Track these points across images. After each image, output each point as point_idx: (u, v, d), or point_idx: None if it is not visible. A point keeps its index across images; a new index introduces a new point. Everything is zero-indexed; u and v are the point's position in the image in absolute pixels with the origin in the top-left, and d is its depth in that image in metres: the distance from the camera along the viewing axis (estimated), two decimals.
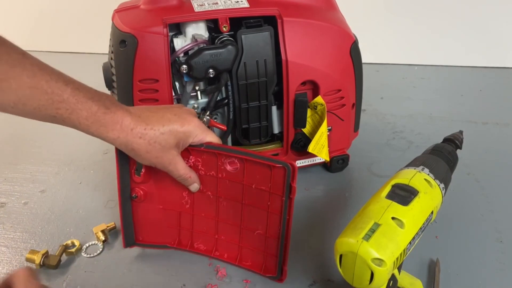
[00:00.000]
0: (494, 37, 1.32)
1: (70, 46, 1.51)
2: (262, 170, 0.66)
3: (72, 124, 0.60)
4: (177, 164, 0.67)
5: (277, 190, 0.66)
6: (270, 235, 0.70)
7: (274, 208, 0.68)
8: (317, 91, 0.83)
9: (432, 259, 0.74)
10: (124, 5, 0.83)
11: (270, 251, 0.71)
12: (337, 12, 0.86)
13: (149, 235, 0.75)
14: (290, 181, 0.64)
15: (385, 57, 1.38)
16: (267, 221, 0.70)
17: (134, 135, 0.63)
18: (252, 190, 0.68)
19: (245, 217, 0.72)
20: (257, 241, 0.72)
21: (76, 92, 0.59)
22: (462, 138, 0.73)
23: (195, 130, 0.67)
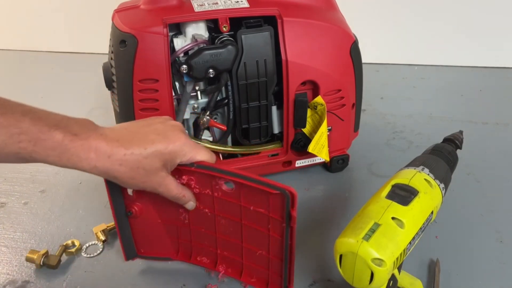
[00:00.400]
0: (494, 37, 1.32)
1: (70, 46, 1.51)
2: (259, 194, 0.61)
3: (41, 158, 0.53)
4: (168, 185, 0.61)
5: (276, 216, 0.61)
6: (273, 257, 0.66)
7: (275, 232, 0.63)
8: (317, 91, 0.83)
9: (432, 259, 0.74)
10: (124, 5, 0.83)
11: (274, 270, 0.67)
12: (337, 12, 0.86)
13: (151, 247, 0.73)
14: (290, 210, 0.59)
15: (385, 57, 1.38)
16: (269, 243, 0.65)
17: (112, 162, 0.56)
18: (250, 212, 0.64)
19: (245, 237, 0.67)
20: (260, 259, 0.68)
21: (36, 121, 0.52)
22: (462, 138, 0.73)
23: (181, 149, 0.60)
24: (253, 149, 0.87)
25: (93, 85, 1.20)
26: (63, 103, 1.20)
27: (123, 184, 0.60)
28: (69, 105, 1.18)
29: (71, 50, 1.51)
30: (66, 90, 1.27)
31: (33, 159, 0.53)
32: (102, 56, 0.90)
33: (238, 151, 0.87)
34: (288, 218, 0.60)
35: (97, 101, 1.18)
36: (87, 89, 1.24)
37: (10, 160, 0.53)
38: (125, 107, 0.79)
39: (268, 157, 0.89)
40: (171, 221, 0.70)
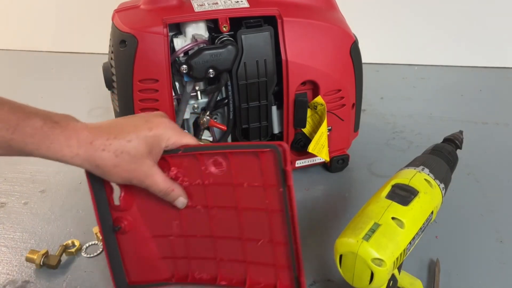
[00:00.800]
0: (494, 37, 1.32)
1: (70, 46, 1.51)
2: (250, 161, 0.57)
3: (19, 148, 0.51)
4: (155, 176, 0.58)
5: (271, 180, 0.57)
6: (276, 242, 0.61)
7: (273, 205, 0.59)
8: (317, 91, 0.83)
9: (432, 259, 0.74)
10: (124, 5, 0.83)
11: (280, 262, 0.62)
12: (337, 12, 0.86)
13: (143, 272, 0.68)
14: (283, 166, 0.55)
15: (385, 57, 1.38)
16: (269, 224, 0.60)
17: (95, 148, 0.53)
18: (244, 190, 0.60)
19: (243, 225, 0.62)
20: (263, 253, 0.62)
21: (15, 110, 0.51)
22: (462, 138, 0.73)
23: (165, 132, 0.58)
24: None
25: (93, 85, 1.20)
26: (63, 103, 1.20)
27: (106, 175, 0.56)
28: (69, 105, 1.18)
29: (71, 50, 1.51)
30: (66, 90, 1.27)
31: (11, 149, 0.51)
32: (102, 56, 0.90)
33: None
34: (283, 175, 0.56)
35: (97, 101, 1.18)
36: (87, 89, 1.24)
37: None
38: (125, 107, 0.79)
39: None
40: (163, 231, 0.66)
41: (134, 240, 0.66)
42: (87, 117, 1.11)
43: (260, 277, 0.65)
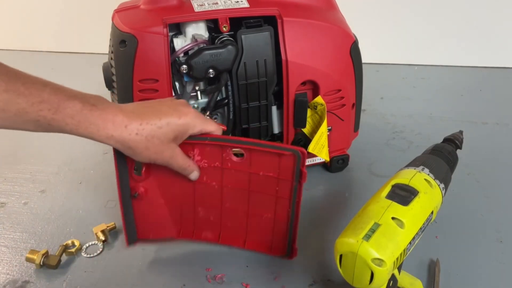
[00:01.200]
0: (494, 37, 1.32)
1: (70, 46, 1.51)
2: (270, 158, 0.66)
3: (59, 127, 0.56)
4: (177, 157, 0.65)
5: (287, 176, 0.66)
6: (278, 219, 0.71)
7: (283, 193, 0.68)
8: (317, 91, 0.83)
9: (432, 259, 0.74)
10: (124, 5, 0.83)
11: (278, 232, 0.72)
12: (337, 12, 0.86)
13: (152, 230, 0.75)
14: (301, 167, 0.65)
15: (385, 57, 1.38)
16: (276, 206, 0.70)
17: (129, 131, 0.59)
18: (259, 177, 0.68)
19: (252, 203, 0.71)
20: (265, 224, 0.72)
21: (56, 91, 0.56)
22: (462, 138, 0.73)
23: (193, 121, 0.64)
24: None
25: (93, 85, 1.19)
26: None
27: (136, 156, 0.62)
28: None
29: (71, 50, 1.51)
30: None
31: (51, 127, 0.56)
32: (102, 56, 0.90)
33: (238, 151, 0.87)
34: (299, 175, 0.65)
35: None
36: (87, 89, 1.24)
37: (27, 127, 0.56)
38: None
39: None
40: (176, 199, 0.73)
41: (147, 205, 0.72)
42: None
43: (258, 242, 0.74)
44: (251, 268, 0.75)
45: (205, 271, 0.74)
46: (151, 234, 0.75)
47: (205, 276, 0.73)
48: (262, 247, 0.74)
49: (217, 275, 0.73)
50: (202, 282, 0.72)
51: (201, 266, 0.75)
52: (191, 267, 0.74)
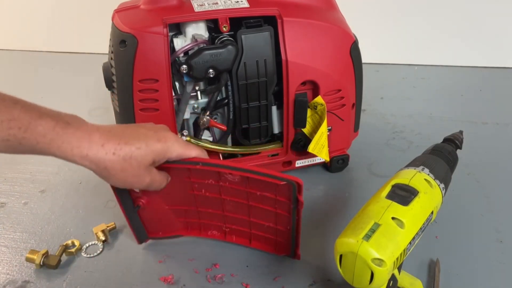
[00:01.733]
0: (494, 37, 1.32)
1: (70, 46, 1.51)
2: (267, 185, 0.65)
3: (30, 146, 0.53)
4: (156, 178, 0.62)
5: (284, 199, 0.67)
6: (280, 227, 0.72)
7: (282, 210, 0.69)
8: (317, 91, 0.83)
9: (432, 259, 0.74)
10: (124, 5, 0.83)
11: (281, 237, 0.73)
12: (337, 12, 0.86)
13: (161, 229, 0.77)
14: (297, 196, 0.65)
15: (385, 57, 1.38)
16: (276, 218, 0.71)
17: (106, 151, 0.55)
18: (257, 196, 0.68)
19: (252, 214, 0.72)
20: (267, 230, 0.73)
21: (28, 109, 0.52)
22: (462, 138, 0.73)
23: (173, 145, 0.61)
24: (253, 149, 0.87)
25: (93, 85, 1.20)
26: (63, 103, 1.19)
27: (110, 178, 0.58)
28: (69, 105, 1.18)
29: (71, 50, 1.51)
30: (66, 90, 1.26)
31: (22, 147, 0.53)
32: (102, 56, 0.90)
33: (238, 151, 0.87)
34: (296, 202, 0.66)
35: (97, 101, 1.18)
36: (87, 89, 1.24)
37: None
38: (125, 107, 0.79)
39: (268, 157, 0.89)
40: (179, 205, 0.74)
41: (151, 212, 0.73)
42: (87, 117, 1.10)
43: (262, 243, 0.76)
44: (251, 268, 0.75)
45: (205, 271, 0.74)
46: (160, 233, 0.78)
47: (205, 276, 0.73)
48: (266, 248, 0.76)
49: (217, 275, 0.73)
50: (202, 282, 0.72)
51: (201, 266, 0.75)
52: (191, 267, 0.75)
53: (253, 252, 0.77)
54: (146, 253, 0.77)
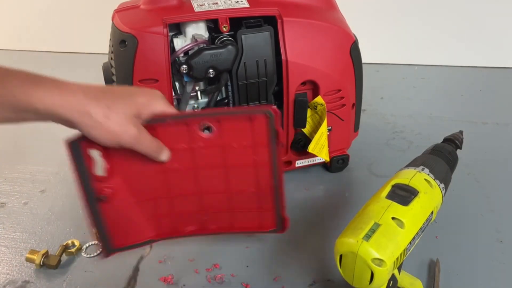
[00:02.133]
0: (494, 37, 1.32)
1: (70, 46, 1.51)
2: (241, 125, 0.61)
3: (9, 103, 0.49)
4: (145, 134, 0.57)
5: (262, 141, 0.61)
6: (262, 190, 0.66)
7: (261, 161, 0.63)
8: (317, 91, 0.83)
9: (432, 259, 0.74)
10: (124, 5, 0.83)
11: (265, 205, 0.67)
12: (337, 12, 0.86)
13: (129, 236, 0.68)
14: (275, 126, 0.60)
15: (385, 57, 1.38)
16: (257, 177, 0.65)
17: (88, 97, 0.51)
18: (234, 150, 0.63)
19: (231, 180, 0.65)
20: (249, 201, 0.67)
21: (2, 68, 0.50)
22: (462, 138, 0.73)
23: (157, 101, 0.58)
24: None
25: None
26: None
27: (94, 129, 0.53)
28: None
29: (71, 50, 1.51)
30: None
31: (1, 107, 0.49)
32: (102, 56, 0.90)
33: None
34: (275, 134, 0.61)
35: None
36: None
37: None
38: None
39: None
40: (148, 194, 0.66)
41: (117, 207, 0.65)
42: None
43: (245, 222, 0.69)
44: (251, 268, 0.75)
45: (205, 271, 0.74)
46: (128, 241, 0.68)
47: (205, 276, 0.73)
48: (251, 227, 0.70)
49: (217, 275, 0.73)
50: (202, 282, 0.72)
51: (201, 266, 0.75)
52: (191, 267, 0.74)
53: (253, 252, 0.77)
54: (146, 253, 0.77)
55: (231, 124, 0.61)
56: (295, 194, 0.89)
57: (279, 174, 0.64)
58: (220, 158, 0.64)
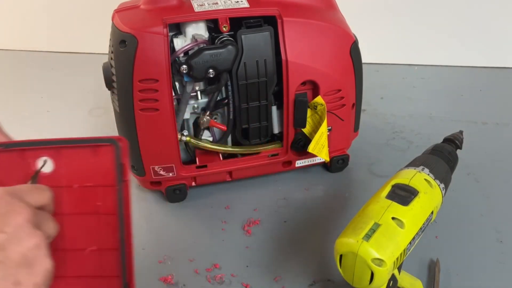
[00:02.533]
0: (494, 37, 1.32)
1: (70, 46, 1.50)
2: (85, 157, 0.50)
3: None
4: None
5: (108, 180, 0.51)
6: (107, 247, 0.52)
7: (107, 206, 0.51)
8: (317, 91, 0.83)
9: (432, 259, 0.74)
10: (124, 5, 0.83)
11: (109, 272, 0.53)
12: (337, 12, 0.86)
13: None
14: (121, 160, 0.50)
15: (385, 57, 1.38)
16: (98, 229, 0.52)
17: None
18: (73, 192, 0.51)
19: (66, 233, 0.51)
20: (88, 263, 0.53)
21: None
22: (462, 138, 0.73)
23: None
24: (253, 149, 0.87)
25: (93, 85, 1.19)
26: (63, 103, 1.20)
27: None
28: (69, 105, 1.18)
29: (71, 50, 1.51)
30: (66, 90, 1.26)
31: None
32: (102, 56, 0.90)
33: (238, 151, 0.87)
34: (121, 171, 0.50)
35: (97, 101, 1.18)
36: (87, 89, 1.24)
37: None
38: (125, 107, 0.79)
39: (268, 157, 0.89)
40: None
41: None
42: (87, 117, 1.11)
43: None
44: (251, 268, 0.75)
45: (205, 271, 0.74)
46: None
47: (205, 276, 0.73)
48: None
49: (217, 275, 0.73)
50: (202, 282, 0.72)
51: (201, 266, 0.75)
52: (191, 267, 0.75)
53: (253, 252, 0.77)
54: (146, 253, 0.77)
55: (72, 157, 0.50)
56: (295, 194, 0.89)
57: (127, 226, 0.51)
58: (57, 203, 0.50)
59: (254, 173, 0.91)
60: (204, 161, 0.87)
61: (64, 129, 1.07)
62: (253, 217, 0.84)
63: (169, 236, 0.81)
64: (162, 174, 0.84)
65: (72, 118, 1.12)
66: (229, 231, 0.82)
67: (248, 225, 0.83)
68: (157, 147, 0.81)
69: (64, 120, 1.11)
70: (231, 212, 0.86)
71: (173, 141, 0.81)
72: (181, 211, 0.87)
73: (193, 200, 0.89)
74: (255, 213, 0.85)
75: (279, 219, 0.84)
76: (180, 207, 0.88)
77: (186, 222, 0.85)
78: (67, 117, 1.13)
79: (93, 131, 1.07)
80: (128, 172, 0.51)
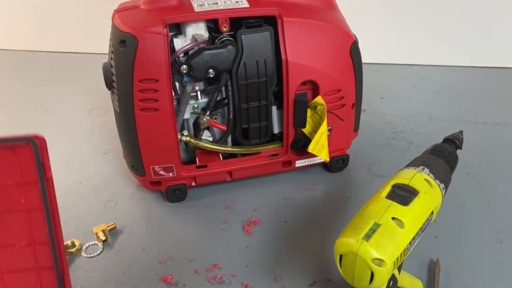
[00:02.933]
0: (494, 37, 1.32)
1: (70, 46, 1.51)
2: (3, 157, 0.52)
3: None
4: None
5: (29, 177, 0.52)
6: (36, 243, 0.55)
7: (32, 202, 0.54)
8: (317, 91, 0.83)
9: (432, 259, 0.74)
10: (124, 5, 0.83)
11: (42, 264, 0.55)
12: (337, 12, 0.86)
13: None
14: (40, 158, 0.51)
15: (385, 57, 1.38)
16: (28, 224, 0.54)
17: None
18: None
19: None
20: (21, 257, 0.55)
21: None
22: (462, 138, 0.73)
23: None
24: (253, 149, 0.87)
25: (93, 85, 1.19)
26: (63, 103, 1.20)
27: None
28: (69, 105, 1.18)
29: (71, 50, 1.51)
30: (66, 90, 1.27)
31: None
32: (102, 56, 0.90)
33: (238, 151, 0.87)
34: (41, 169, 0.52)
35: (97, 101, 1.18)
36: (87, 89, 1.24)
37: None
38: (125, 107, 0.79)
39: (268, 157, 0.89)
40: None
41: None
42: (87, 117, 1.11)
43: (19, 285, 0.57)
44: (251, 268, 0.75)
45: (205, 271, 0.74)
46: None
47: (205, 276, 0.73)
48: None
49: (217, 275, 0.73)
50: (202, 282, 0.72)
51: (201, 266, 0.75)
52: (191, 267, 0.75)
53: (253, 252, 0.77)
54: (146, 253, 0.77)
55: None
56: (295, 194, 0.89)
57: (54, 220, 0.54)
58: None
59: (254, 173, 0.91)
60: (204, 161, 0.87)
61: (64, 129, 1.08)
62: (253, 217, 0.84)
63: (169, 236, 0.81)
64: (162, 174, 0.84)
65: (72, 118, 1.12)
66: (229, 231, 0.82)
67: (248, 225, 0.83)
68: (157, 147, 0.81)
69: (64, 120, 1.11)
70: (231, 212, 0.86)
71: (173, 141, 0.81)
72: (181, 211, 0.87)
73: (193, 200, 0.89)
74: (255, 213, 0.85)
75: (279, 219, 0.84)
76: (180, 207, 0.88)
77: (186, 222, 0.85)
78: (67, 117, 1.13)
79: (93, 131, 1.07)
80: (49, 169, 0.52)
